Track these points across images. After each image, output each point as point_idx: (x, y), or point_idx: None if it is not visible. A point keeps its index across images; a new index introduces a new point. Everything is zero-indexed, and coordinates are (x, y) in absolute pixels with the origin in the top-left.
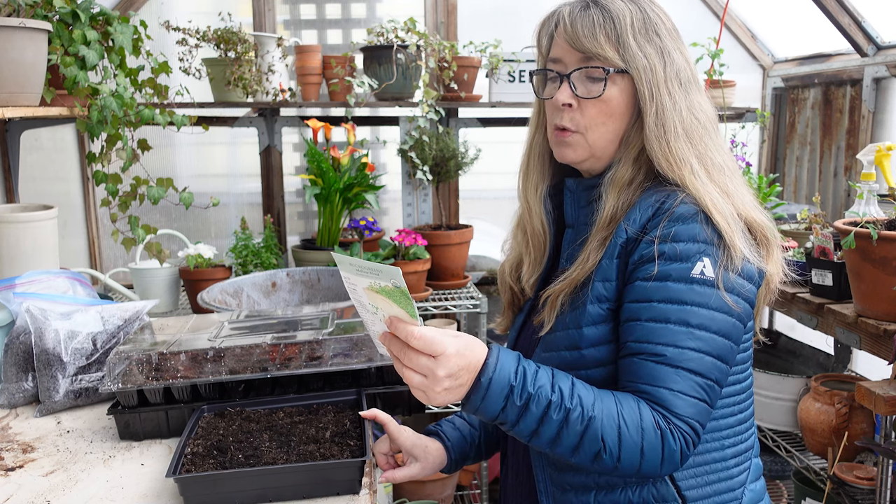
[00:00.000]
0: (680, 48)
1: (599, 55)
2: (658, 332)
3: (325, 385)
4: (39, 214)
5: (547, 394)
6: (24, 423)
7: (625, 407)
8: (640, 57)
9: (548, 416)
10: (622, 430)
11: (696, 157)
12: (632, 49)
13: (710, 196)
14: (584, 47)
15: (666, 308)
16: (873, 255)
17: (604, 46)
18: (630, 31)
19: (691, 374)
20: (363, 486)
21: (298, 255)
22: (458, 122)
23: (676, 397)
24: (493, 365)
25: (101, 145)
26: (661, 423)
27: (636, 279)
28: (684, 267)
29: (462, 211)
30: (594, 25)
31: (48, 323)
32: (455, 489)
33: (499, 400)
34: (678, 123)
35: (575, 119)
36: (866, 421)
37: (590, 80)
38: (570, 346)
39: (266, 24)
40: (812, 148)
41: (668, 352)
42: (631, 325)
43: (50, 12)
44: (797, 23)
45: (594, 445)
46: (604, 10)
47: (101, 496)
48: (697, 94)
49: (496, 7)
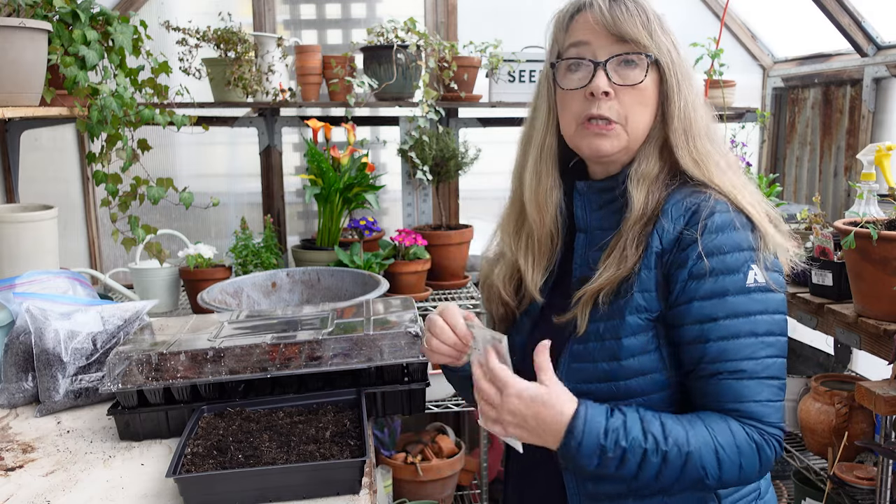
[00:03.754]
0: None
1: (638, 41)
2: (732, 350)
3: (324, 385)
4: (39, 214)
5: (640, 443)
6: (24, 423)
7: (717, 431)
8: (667, 47)
9: (646, 462)
10: (720, 455)
11: (717, 153)
12: (660, 39)
13: (741, 193)
14: (624, 31)
15: (732, 323)
16: (873, 255)
17: (641, 33)
18: (656, 21)
19: (770, 381)
20: (363, 486)
21: (298, 255)
22: (458, 122)
23: (764, 407)
24: (580, 428)
25: (101, 145)
26: (755, 437)
27: (692, 299)
28: (738, 279)
29: (462, 211)
30: (631, 13)
31: (48, 323)
32: (455, 489)
33: (591, 459)
34: (700, 118)
35: (614, 108)
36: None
37: (626, 67)
38: (608, 358)
39: (266, 24)
40: (812, 148)
41: (747, 366)
42: (700, 346)
43: (50, 12)
44: (797, 23)
45: (695, 474)
46: (633, 0)
47: (101, 496)
48: (699, 90)
49: (496, 7)
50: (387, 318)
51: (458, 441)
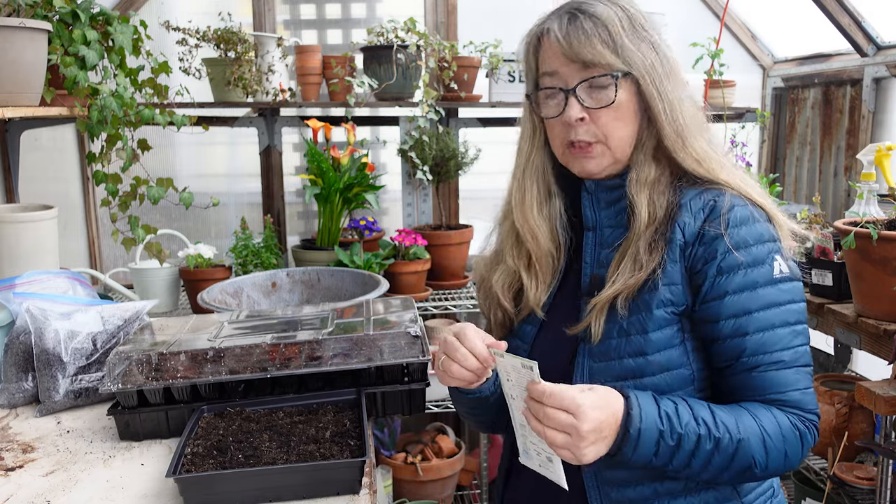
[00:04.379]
0: (664, 40)
1: (601, 63)
2: (769, 341)
3: (324, 385)
4: (39, 214)
5: (694, 429)
6: (24, 423)
7: (763, 420)
8: (639, 56)
9: (699, 449)
10: (767, 444)
11: (713, 148)
12: (629, 50)
13: (750, 187)
14: (584, 58)
15: (767, 315)
16: (873, 255)
17: (602, 53)
18: (622, 32)
19: (805, 368)
20: (363, 486)
21: (298, 255)
22: (457, 122)
23: (804, 395)
24: (637, 415)
25: (101, 145)
26: (799, 424)
27: (724, 293)
28: (766, 270)
29: (462, 211)
30: (588, 34)
31: (48, 323)
32: (455, 489)
33: (651, 447)
34: (688, 117)
35: (591, 131)
36: (866, 421)
37: (596, 89)
38: (634, 353)
39: (266, 24)
40: (812, 148)
41: (785, 356)
42: (739, 340)
43: (50, 12)
44: (797, 23)
45: (745, 462)
46: (591, 17)
47: (101, 496)
48: (683, 88)
49: (496, 7)
50: (387, 318)
51: (458, 441)
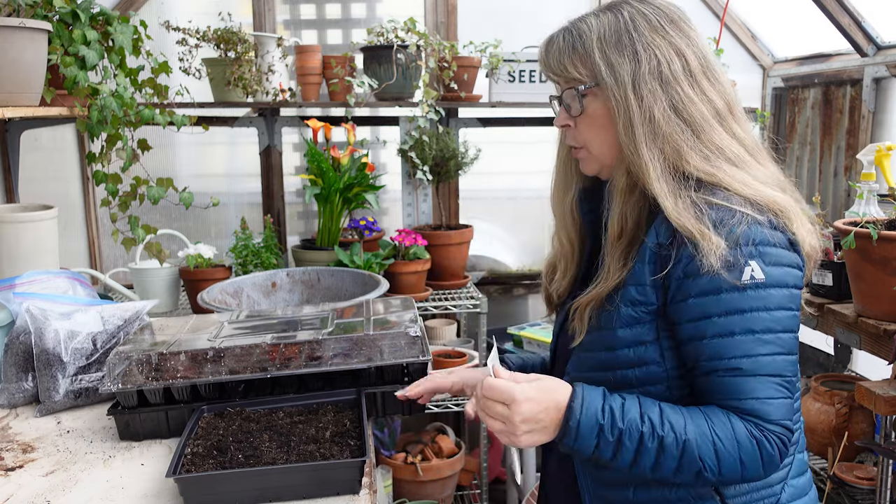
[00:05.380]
0: (669, 38)
1: (569, 77)
2: (727, 347)
3: (324, 385)
4: (39, 214)
5: (637, 426)
6: (24, 423)
7: (716, 423)
8: (604, 68)
9: (643, 447)
10: (718, 447)
11: (662, 158)
12: (597, 63)
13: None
14: (554, 72)
15: (727, 321)
16: (873, 255)
17: (568, 68)
18: (597, 45)
19: (770, 378)
20: (363, 486)
21: (298, 255)
22: (458, 122)
23: (764, 404)
24: (578, 408)
25: (101, 145)
26: (755, 433)
27: (687, 297)
28: (733, 275)
29: (462, 211)
30: (559, 50)
31: (48, 323)
32: (455, 489)
33: (590, 439)
34: (646, 125)
35: (575, 137)
36: (866, 421)
37: (574, 99)
38: (605, 347)
39: (266, 24)
40: (812, 148)
41: (743, 364)
42: (696, 344)
43: (50, 12)
44: (797, 23)
45: (694, 466)
46: (572, 32)
47: (101, 496)
48: (691, 87)
49: (496, 7)
50: (387, 318)
51: (458, 441)
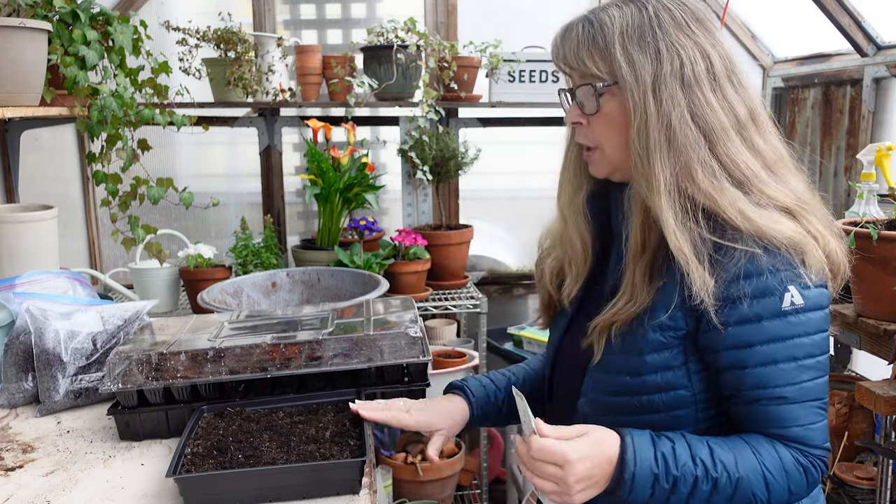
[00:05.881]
0: (694, 37)
1: (586, 73)
2: (771, 376)
3: (325, 385)
4: (39, 214)
5: (691, 470)
6: (24, 423)
7: (764, 455)
8: (625, 66)
9: (698, 490)
10: (768, 480)
11: (672, 171)
12: (617, 60)
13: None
14: (569, 64)
15: (770, 349)
16: (873, 255)
17: (586, 63)
18: (618, 39)
19: (812, 403)
20: (363, 486)
21: (298, 255)
22: (458, 122)
23: (808, 430)
24: (631, 460)
25: (101, 145)
26: (802, 460)
27: (726, 324)
28: (773, 302)
29: (462, 211)
30: (578, 41)
31: (48, 323)
32: (455, 489)
33: (645, 490)
34: (662, 132)
35: (588, 136)
36: (866, 421)
37: (588, 95)
38: (631, 372)
39: (266, 24)
40: (812, 148)
41: (787, 392)
42: (737, 373)
43: (50, 12)
44: (797, 23)
45: (745, 501)
46: (592, 23)
47: (101, 496)
48: (713, 91)
49: (496, 7)
50: (387, 318)
51: (458, 441)
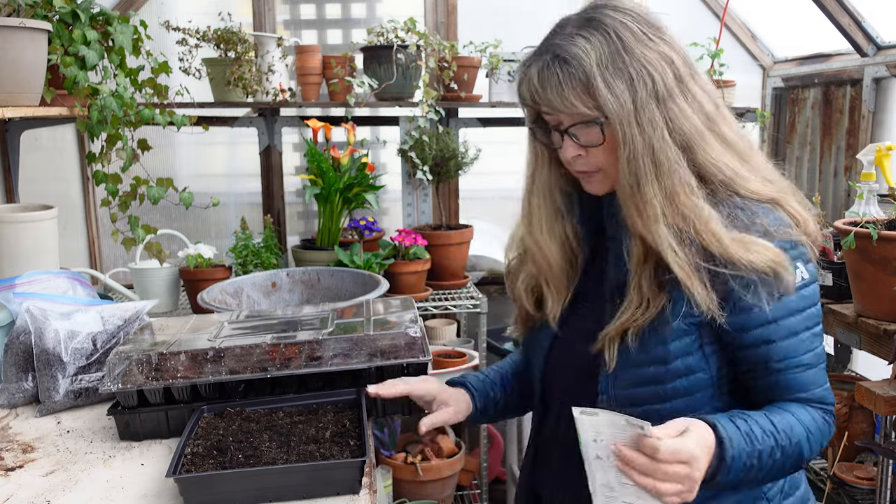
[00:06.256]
0: (656, 47)
1: (574, 112)
2: (795, 347)
3: (324, 385)
4: (39, 214)
5: (768, 442)
6: (24, 423)
7: (803, 418)
8: (611, 99)
9: (772, 460)
10: (811, 439)
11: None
12: (603, 94)
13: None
14: (560, 110)
15: (791, 322)
16: (873, 255)
17: (575, 104)
18: (598, 73)
19: (823, 366)
20: (363, 486)
21: (298, 255)
22: (458, 122)
23: (825, 391)
24: (728, 443)
25: (101, 145)
26: (827, 417)
27: (752, 307)
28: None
29: (462, 211)
30: (561, 84)
31: (48, 323)
32: (455, 489)
33: (740, 469)
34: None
35: (588, 162)
36: (866, 421)
37: (584, 129)
38: (655, 362)
39: (266, 24)
40: (812, 148)
41: (808, 358)
42: (766, 347)
43: (50, 12)
44: (797, 23)
45: (797, 462)
46: (565, 61)
47: (101, 496)
48: (683, 95)
49: (496, 7)
50: (387, 318)
51: (458, 441)
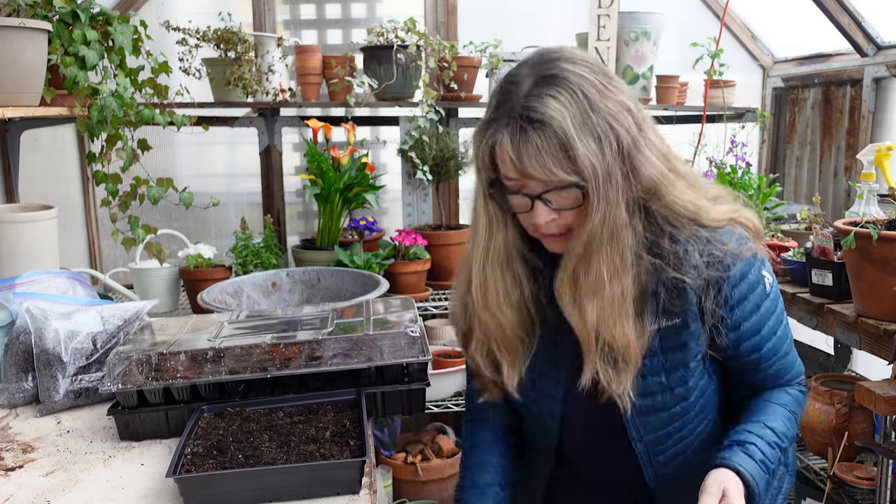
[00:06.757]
0: (615, 97)
1: (555, 181)
2: (777, 344)
3: (324, 385)
4: (39, 214)
5: (776, 455)
6: (24, 423)
7: (787, 402)
8: (587, 163)
9: (781, 465)
10: (797, 417)
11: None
12: (581, 158)
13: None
14: (539, 178)
15: (771, 324)
16: (873, 255)
17: (555, 171)
18: (574, 135)
19: (791, 341)
20: (363, 486)
21: (298, 255)
22: (458, 122)
23: (799, 367)
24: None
25: (101, 145)
26: (801, 388)
27: (739, 324)
28: (760, 290)
29: (462, 211)
30: (539, 151)
31: (48, 323)
32: None
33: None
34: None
35: (559, 224)
36: (866, 421)
37: (563, 191)
38: (679, 401)
39: (266, 24)
40: (812, 148)
41: (786, 348)
42: (757, 353)
43: (50, 12)
44: (797, 23)
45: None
46: (542, 124)
47: (101, 496)
48: (644, 140)
49: (496, 7)
50: (387, 318)
51: (458, 441)
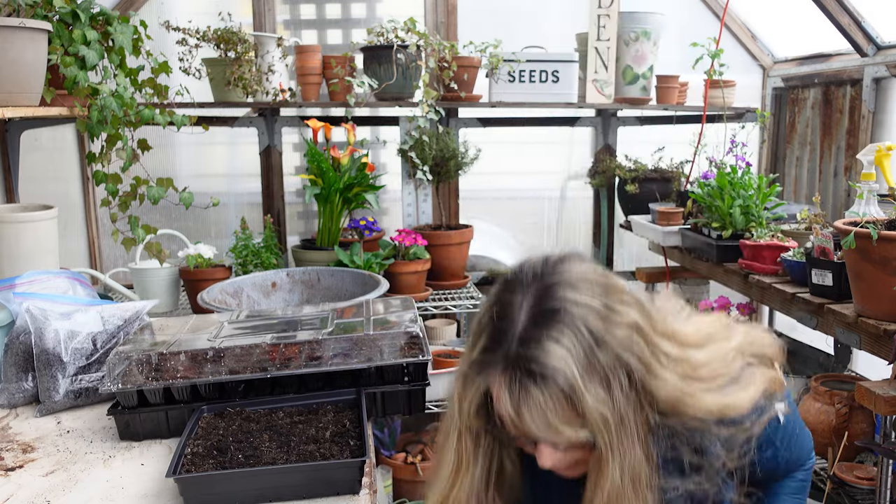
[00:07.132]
0: (622, 319)
1: (563, 440)
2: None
3: (324, 385)
4: (39, 214)
5: None
6: (24, 423)
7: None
8: (595, 415)
9: None
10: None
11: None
12: (589, 410)
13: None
14: (545, 439)
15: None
16: (873, 255)
17: (562, 430)
18: (580, 382)
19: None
20: (363, 486)
21: (298, 255)
22: (458, 122)
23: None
24: None
25: (101, 145)
26: (807, 470)
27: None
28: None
29: (462, 211)
30: (543, 411)
31: (48, 323)
32: None
33: None
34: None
35: (563, 460)
36: (866, 421)
37: (577, 450)
38: None
39: (266, 24)
40: (812, 148)
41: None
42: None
43: (50, 12)
44: (797, 23)
45: None
46: (544, 379)
47: (101, 496)
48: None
49: (496, 7)
50: (387, 318)
51: None
